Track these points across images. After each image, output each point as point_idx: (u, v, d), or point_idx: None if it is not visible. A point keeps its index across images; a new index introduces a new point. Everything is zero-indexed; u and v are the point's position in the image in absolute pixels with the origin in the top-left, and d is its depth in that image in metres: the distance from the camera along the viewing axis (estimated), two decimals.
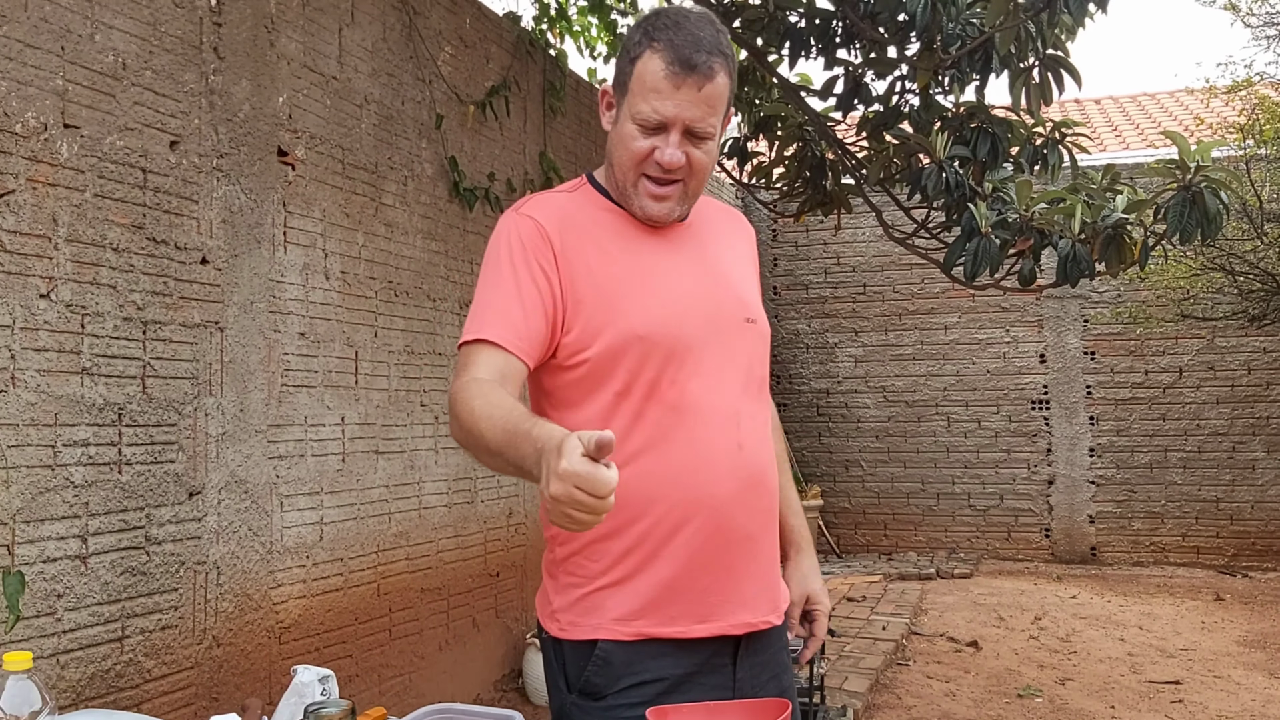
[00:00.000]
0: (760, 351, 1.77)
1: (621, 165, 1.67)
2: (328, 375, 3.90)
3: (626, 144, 1.65)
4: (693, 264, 1.73)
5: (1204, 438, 9.06)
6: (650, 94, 1.61)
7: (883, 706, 5.01)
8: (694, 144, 1.64)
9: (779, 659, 1.79)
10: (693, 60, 1.59)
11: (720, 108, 1.65)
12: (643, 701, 1.59)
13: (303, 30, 3.83)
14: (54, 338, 2.79)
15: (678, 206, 1.69)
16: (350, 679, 3.96)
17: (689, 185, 1.68)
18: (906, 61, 4.83)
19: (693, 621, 1.64)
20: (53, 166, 2.80)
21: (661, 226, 1.74)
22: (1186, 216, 4.16)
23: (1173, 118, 11.21)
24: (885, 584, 8.25)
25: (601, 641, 1.64)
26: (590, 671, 1.64)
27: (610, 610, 1.64)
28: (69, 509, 2.81)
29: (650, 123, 1.62)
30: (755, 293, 1.83)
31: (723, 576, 1.65)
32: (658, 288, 1.67)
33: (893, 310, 9.90)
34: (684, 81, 1.59)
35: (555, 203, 1.74)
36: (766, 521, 1.73)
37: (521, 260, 1.64)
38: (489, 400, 1.48)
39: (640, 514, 1.62)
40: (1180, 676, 5.56)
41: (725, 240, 1.84)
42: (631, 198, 1.68)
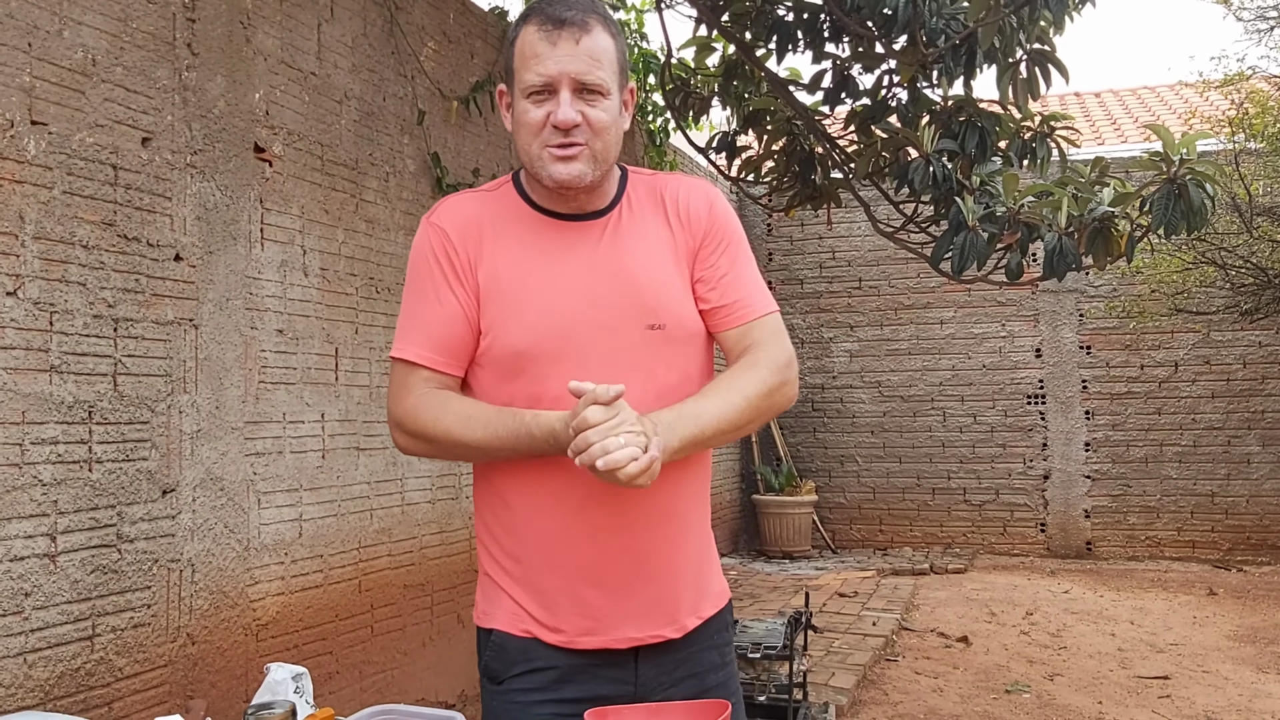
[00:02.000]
0: (670, 358, 1.69)
1: (524, 143, 1.65)
2: (307, 372, 3.89)
3: (521, 120, 1.63)
4: (595, 269, 1.68)
5: (1199, 432, 9.04)
6: (530, 60, 1.60)
7: (868, 703, 5.00)
8: (588, 102, 1.61)
9: (701, 658, 1.75)
10: (563, 16, 1.59)
11: (606, 62, 1.62)
12: (536, 687, 1.67)
13: (280, 26, 3.81)
14: (21, 335, 2.78)
15: (588, 169, 1.63)
16: (331, 676, 3.95)
17: (594, 147, 1.63)
18: (892, 56, 4.81)
19: (577, 634, 1.67)
20: (19, 164, 2.78)
21: (575, 226, 1.70)
22: (1171, 209, 4.14)
23: (1171, 111, 11.17)
24: (878, 579, 8.24)
25: (496, 631, 1.71)
26: (489, 656, 1.72)
27: (504, 606, 1.71)
28: (37, 507, 2.81)
29: (537, 86, 1.60)
30: (673, 290, 1.71)
31: (606, 594, 1.66)
32: (546, 297, 1.65)
33: (888, 305, 9.88)
34: (559, 36, 1.59)
35: (467, 207, 1.73)
36: (659, 536, 1.68)
37: (438, 272, 1.68)
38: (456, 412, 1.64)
39: (525, 524, 1.68)
40: (1169, 671, 5.54)
41: (648, 231, 1.74)
42: (540, 171, 1.64)
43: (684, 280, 1.74)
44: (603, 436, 1.45)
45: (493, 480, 1.73)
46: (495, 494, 1.72)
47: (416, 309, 1.70)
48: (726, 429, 1.63)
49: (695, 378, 1.72)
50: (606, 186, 1.74)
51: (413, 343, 1.68)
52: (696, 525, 1.76)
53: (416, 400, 1.66)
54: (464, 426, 1.62)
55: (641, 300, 1.67)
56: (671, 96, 5.93)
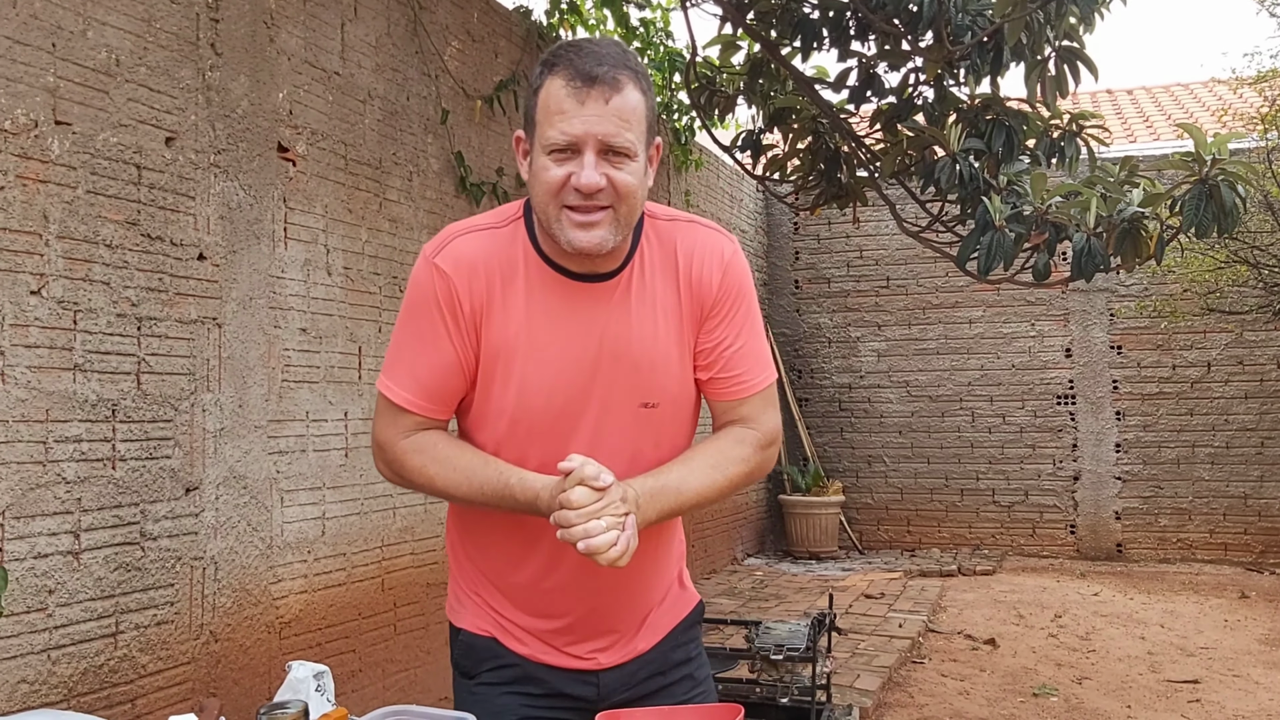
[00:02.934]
0: (659, 436, 1.67)
1: (541, 202, 1.55)
2: (330, 371, 3.90)
3: (541, 178, 1.53)
4: (594, 337, 1.62)
5: (1232, 433, 8.92)
6: (555, 116, 1.50)
7: (894, 705, 4.96)
8: (614, 164, 1.52)
9: (666, 657, 1.80)
10: (593, 73, 1.49)
11: (636, 123, 1.53)
12: (503, 682, 1.73)
13: (303, 26, 3.82)
14: (45, 334, 2.80)
15: (610, 235, 1.54)
16: (354, 674, 3.96)
17: (618, 211, 1.53)
18: (918, 53, 4.77)
19: (535, 650, 1.74)
20: (43, 163, 2.81)
21: (580, 287, 1.63)
22: (1202, 210, 4.08)
23: (1204, 107, 11.04)
24: (905, 581, 8.18)
25: (464, 631, 1.77)
26: (458, 653, 1.79)
27: (470, 609, 1.77)
28: (61, 505, 2.83)
29: (560, 145, 1.50)
30: (671, 367, 1.66)
31: (565, 629, 1.73)
32: (544, 368, 1.61)
33: (916, 304, 9.81)
34: (588, 95, 1.49)
35: (475, 251, 1.63)
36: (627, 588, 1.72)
37: (438, 319, 1.62)
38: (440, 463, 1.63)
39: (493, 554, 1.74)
40: (1199, 675, 5.47)
41: (655, 299, 1.66)
42: (557, 233, 1.55)
43: (685, 352, 1.69)
44: (585, 520, 1.47)
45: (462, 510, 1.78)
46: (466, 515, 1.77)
47: (412, 348, 1.65)
48: (702, 503, 1.66)
49: (680, 449, 1.71)
50: (620, 247, 1.63)
51: (404, 386, 1.64)
52: (663, 572, 1.81)
53: (403, 443, 1.65)
54: (447, 478, 1.62)
55: (640, 379, 1.64)
56: (697, 95, 5.91)
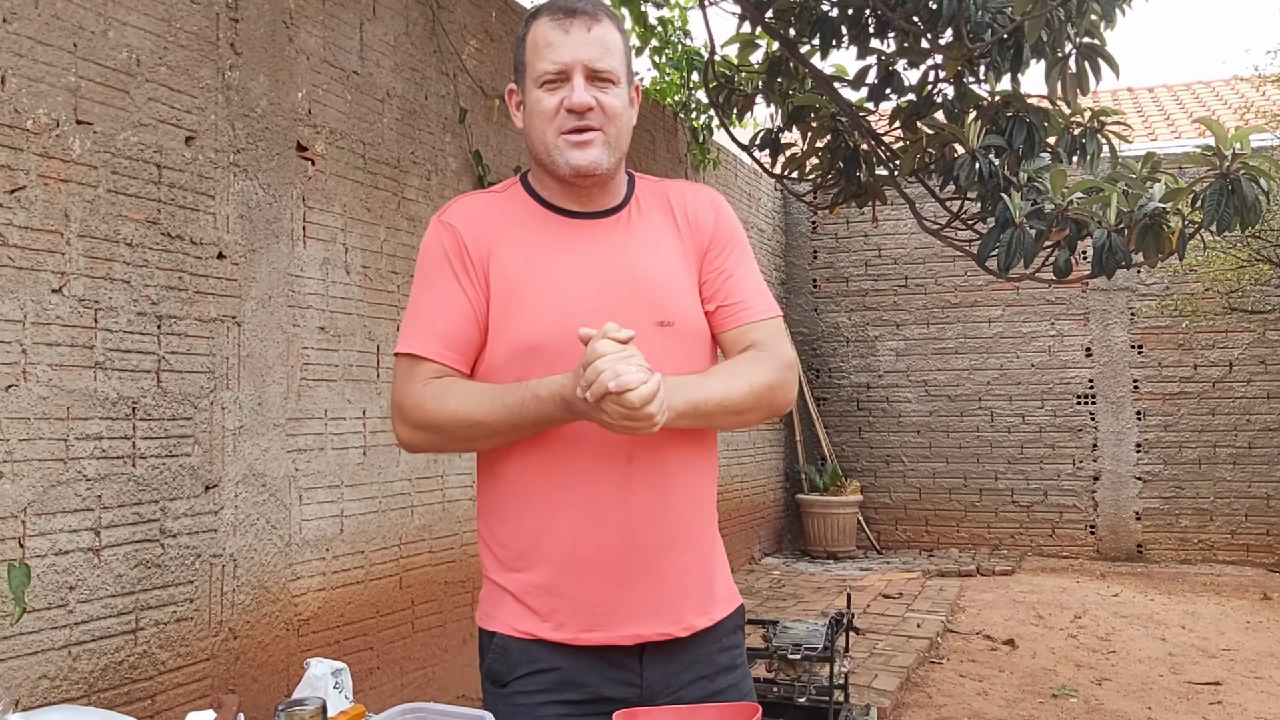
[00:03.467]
0: (678, 356, 1.68)
1: (538, 133, 1.68)
2: (348, 369, 3.91)
3: (535, 109, 1.67)
4: (605, 265, 1.70)
5: (1254, 433, 8.85)
6: (543, 50, 1.66)
7: (911, 705, 4.95)
8: (600, 88, 1.66)
9: (711, 660, 1.74)
10: (573, 6, 1.66)
11: (616, 52, 1.68)
12: (540, 689, 1.66)
13: (322, 25, 3.83)
14: (66, 332, 2.81)
15: (603, 155, 1.66)
16: (371, 671, 3.98)
17: (608, 132, 1.67)
18: (938, 51, 4.75)
19: (579, 630, 1.66)
20: (64, 163, 2.82)
21: (585, 224, 1.73)
22: (1224, 205, 4.06)
23: (1226, 105, 10.96)
24: (924, 581, 8.15)
25: (499, 634, 1.70)
26: (491, 659, 1.71)
27: (507, 608, 1.70)
28: (81, 502, 2.84)
29: (550, 74, 1.65)
30: (681, 289, 1.74)
31: (608, 588, 1.65)
32: (556, 293, 1.66)
33: (935, 303, 9.77)
34: (570, 24, 1.65)
35: (478, 206, 1.76)
36: (665, 532, 1.67)
37: (447, 268, 1.69)
38: (461, 394, 1.63)
39: (529, 519, 1.68)
40: (1221, 677, 5.43)
41: (657, 232, 1.77)
42: (556, 159, 1.67)
43: (691, 281, 1.76)
44: (614, 363, 1.45)
45: (496, 476, 1.73)
46: (499, 490, 1.72)
47: (424, 305, 1.71)
48: (728, 408, 1.65)
49: None
50: (616, 185, 1.77)
51: (419, 337, 1.68)
52: (702, 525, 1.76)
53: (421, 390, 1.65)
54: (469, 404, 1.62)
55: (651, 297, 1.69)
56: (715, 94, 5.91)
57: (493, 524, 1.74)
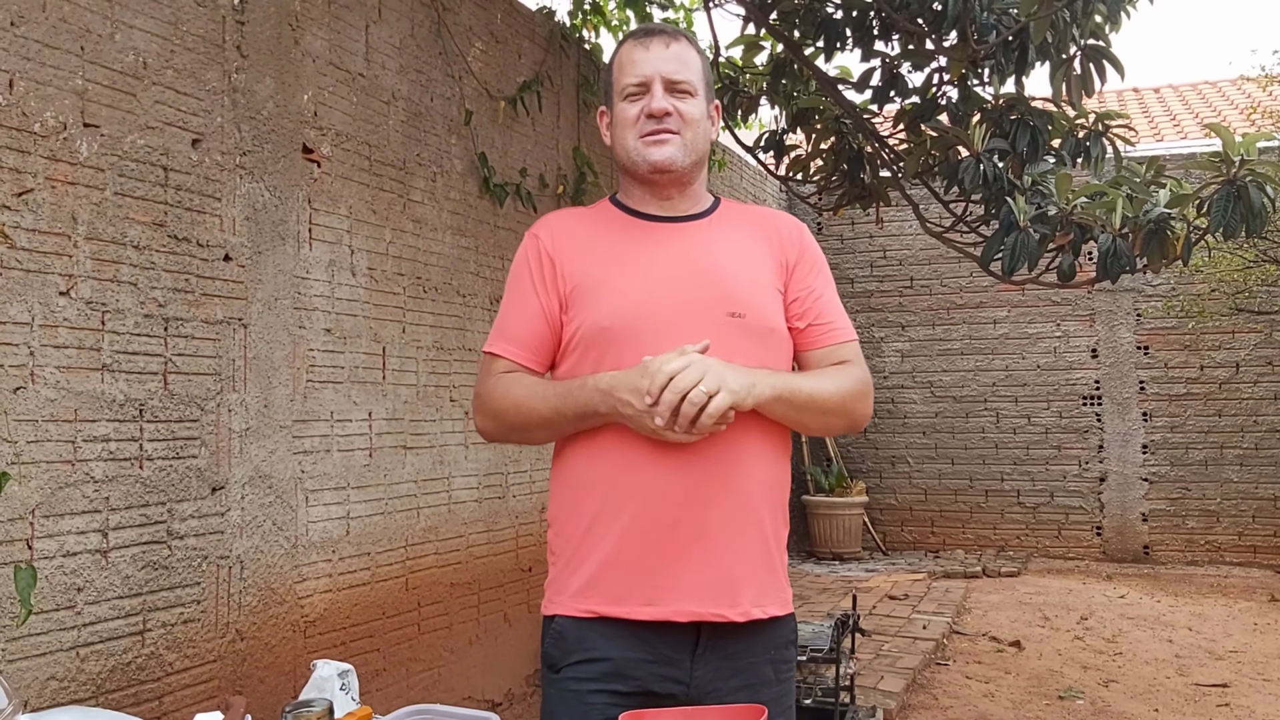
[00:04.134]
0: (747, 346, 1.76)
1: (622, 140, 1.85)
2: (354, 371, 3.92)
3: (620, 119, 1.85)
4: (681, 260, 1.82)
5: (1261, 434, 8.84)
6: (627, 67, 1.84)
7: (918, 707, 4.95)
8: (678, 98, 1.82)
9: (759, 670, 1.78)
10: (652, 29, 1.86)
11: (694, 69, 1.84)
12: (590, 678, 1.73)
13: (328, 28, 3.84)
14: (74, 335, 2.82)
15: (679, 153, 1.82)
16: (378, 673, 3.98)
17: (685, 136, 1.82)
18: (942, 53, 4.75)
19: (638, 603, 1.71)
20: (72, 165, 2.83)
21: (667, 226, 1.86)
22: (1230, 211, 4.05)
23: (1233, 106, 10.94)
24: (929, 582, 8.15)
25: (558, 617, 1.78)
26: (548, 644, 1.80)
27: (568, 587, 1.78)
28: (89, 504, 2.85)
29: (633, 86, 1.82)
30: (757, 289, 1.82)
31: (668, 561, 1.71)
32: (633, 280, 1.78)
33: (940, 304, 9.77)
34: (650, 42, 1.83)
35: (566, 217, 1.94)
36: (727, 513, 1.73)
37: (526, 275, 1.86)
38: (526, 387, 1.80)
39: (595, 495, 1.76)
40: (1228, 679, 5.42)
41: (739, 240, 1.88)
42: (636, 159, 1.83)
43: (771, 283, 1.86)
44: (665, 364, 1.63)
45: (566, 456, 1.83)
46: (568, 469, 1.82)
47: (505, 309, 1.90)
48: (818, 405, 1.78)
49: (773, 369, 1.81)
50: (697, 192, 1.93)
51: (498, 338, 1.87)
52: (766, 518, 1.80)
53: (494, 382, 1.83)
54: (527, 394, 1.78)
55: (723, 288, 1.79)
56: (720, 95, 5.91)
57: (562, 502, 1.83)
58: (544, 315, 1.83)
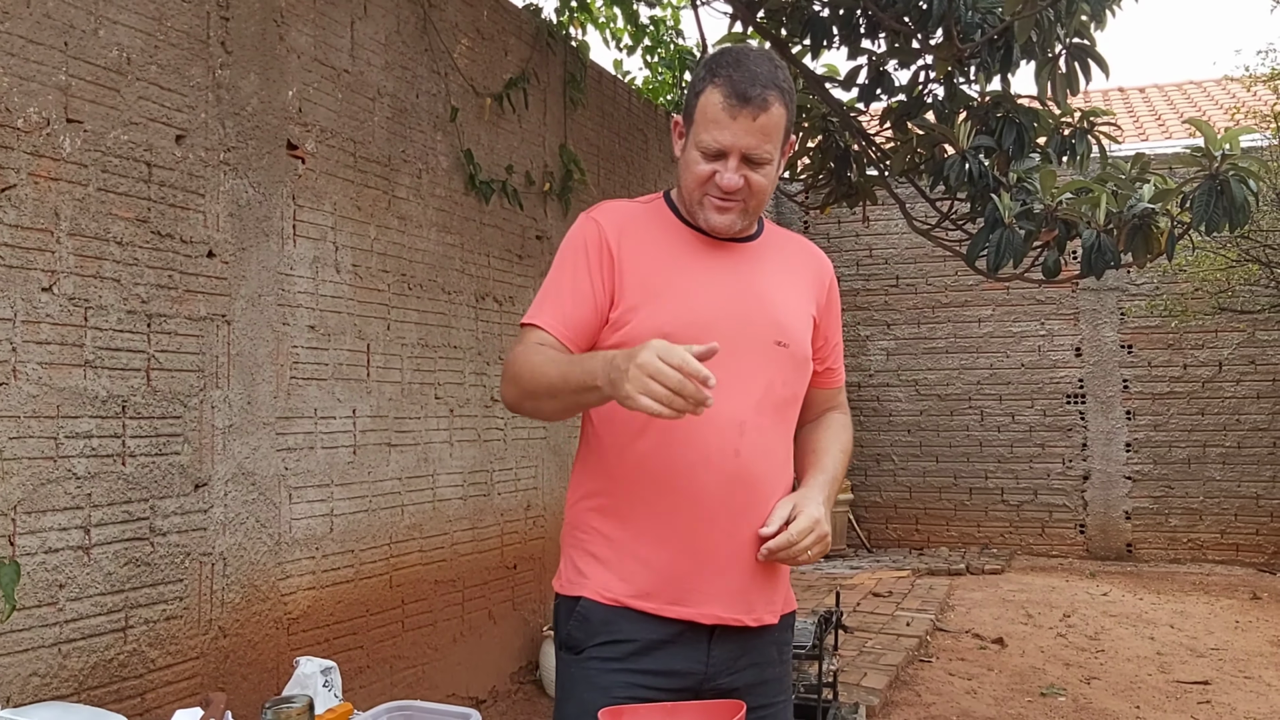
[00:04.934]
0: (787, 375, 1.87)
1: (688, 187, 1.84)
2: (338, 368, 3.91)
3: (691, 168, 1.82)
4: (736, 282, 1.87)
5: (1244, 433, 8.89)
6: (710, 125, 1.78)
7: (900, 704, 4.96)
8: (751, 169, 1.80)
9: (765, 651, 1.88)
10: (748, 94, 1.75)
11: (776, 136, 1.80)
12: (615, 658, 1.78)
13: (313, 24, 3.83)
14: (56, 331, 2.81)
15: (739, 220, 1.85)
16: (361, 670, 3.98)
17: (749, 204, 1.83)
18: (928, 51, 4.76)
19: (666, 602, 1.78)
20: (55, 161, 2.82)
21: (721, 244, 1.89)
22: (1212, 206, 4.07)
23: (1217, 105, 10.99)
24: (913, 579, 8.17)
25: (584, 599, 1.82)
26: (572, 625, 1.83)
27: (596, 578, 1.82)
28: (71, 500, 2.84)
29: (710, 151, 1.79)
30: (799, 320, 1.90)
31: (699, 567, 1.78)
32: (693, 293, 1.82)
33: (925, 303, 9.80)
34: (739, 113, 1.75)
35: (625, 210, 1.93)
36: (755, 527, 1.80)
37: (582, 259, 1.85)
38: (546, 355, 1.78)
39: (635, 498, 1.80)
40: (1209, 676, 5.46)
41: (785, 269, 1.95)
42: (698, 213, 1.85)
43: (808, 315, 1.94)
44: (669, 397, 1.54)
45: (614, 443, 1.84)
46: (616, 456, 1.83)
47: (554, 286, 1.87)
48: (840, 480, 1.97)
49: (800, 400, 1.94)
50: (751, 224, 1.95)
51: (541, 311, 1.85)
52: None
53: (523, 348, 1.81)
54: (548, 358, 1.75)
55: (773, 317, 1.86)
56: None
57: (597, 496, 1.85)
58: (594, 303, 1.83)
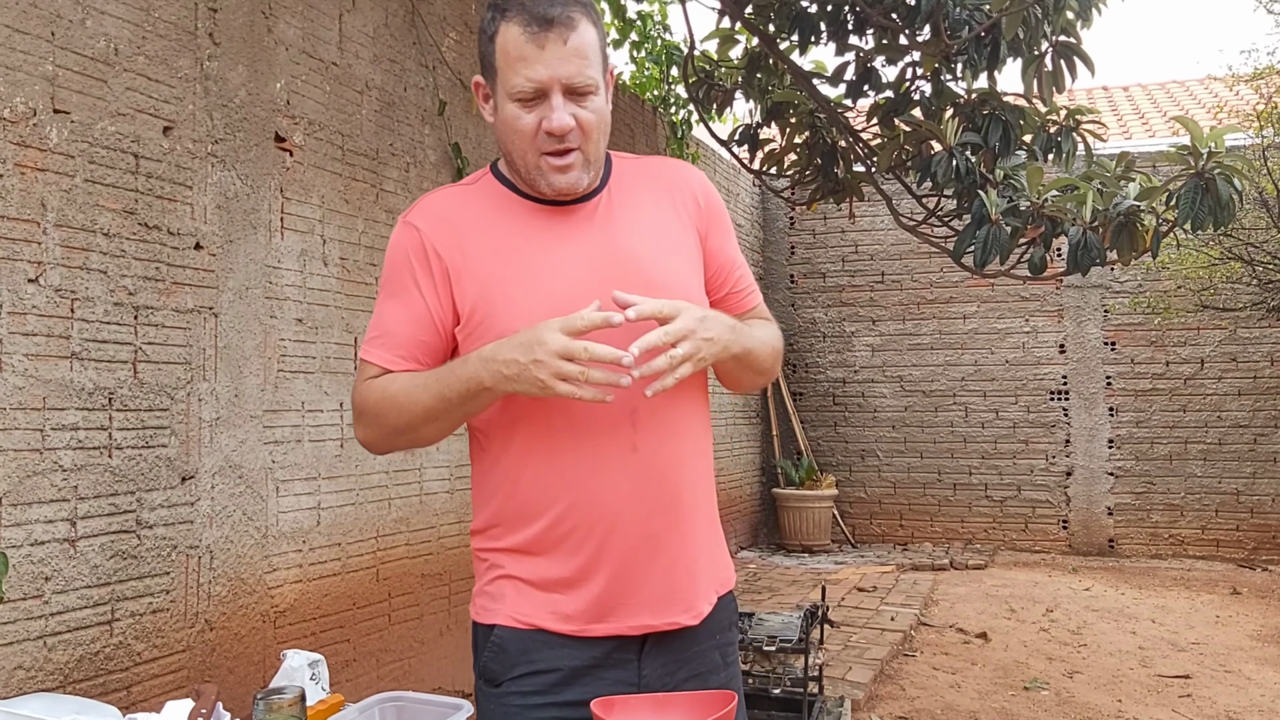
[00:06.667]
0: None
1: (517, 150, 1.59)
2: (326, 361, 3.91)
3: (513, 125, 1.57)
4: (593, 250, 1.63)
5: (1225, 430, 8.95)
6: (518, 63, 1.53)
7: (885, 697, 4.99)
8: (578, 103, 1.55)
9: (706, 658, 1.69)
10: (549, 14, 1.52)
11: (594, 58, 1.56)
12: (535, 690, 1.59)
13: (302, 16, 3.82)
14: (42, 322, 2.80)
15: (583, 174, 1.60)
16: (348, 663, 3.97)
17: (587, 149, 1.58)
18: (915, 48, 4.78)
19: (588, 621, 1.61)
20: (41, 152, 2.81)
21: (566, 209, 1.65)
22: (1198, 204, 4.09)
23: (1200, 105, 11.06)
24: (898, 574, 8.21)
25: (498, 628, 1.63)
26: (487, 657, 1.64)
27: (509, 600, 1.63)
28: (57, 492, 2.83)
29: (527, 93, 1.54)
30: (679, 265, 1.67)
31: (620, 578, 1.60)
32: (543, 283, 1.59)
33: (911, 299, 9.83)
34: (546, 38, 1.52)
35: (445, 202, 1.69)
36: (672, 522, 1.62)
37: (407, 275, 1.63)
38: (403, 380, 1.59)
39: (535, 515, 1.61)
40: (1190, 671, 5.50)
41: (647, 209, 1.70)
42: (537, 179, 1.60)
43: (687, 250, 1.70)
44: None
45: (495, 461, 1.66)
46: (498, 477, 1.65)
47: (383, 309, 1.67)
48: (757, 360, 1.68)
49: None
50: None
51: (373, 344, 1.65)
52: (709, 508, 1.72)
53: (366, 386, 1.62)
54: (408, 384, 1.58)
55: (642, 272, 1.61)
56: (694, 89, 5.91)
57: (497, 511, 1.66)
58: (431, 320, 1.62)
